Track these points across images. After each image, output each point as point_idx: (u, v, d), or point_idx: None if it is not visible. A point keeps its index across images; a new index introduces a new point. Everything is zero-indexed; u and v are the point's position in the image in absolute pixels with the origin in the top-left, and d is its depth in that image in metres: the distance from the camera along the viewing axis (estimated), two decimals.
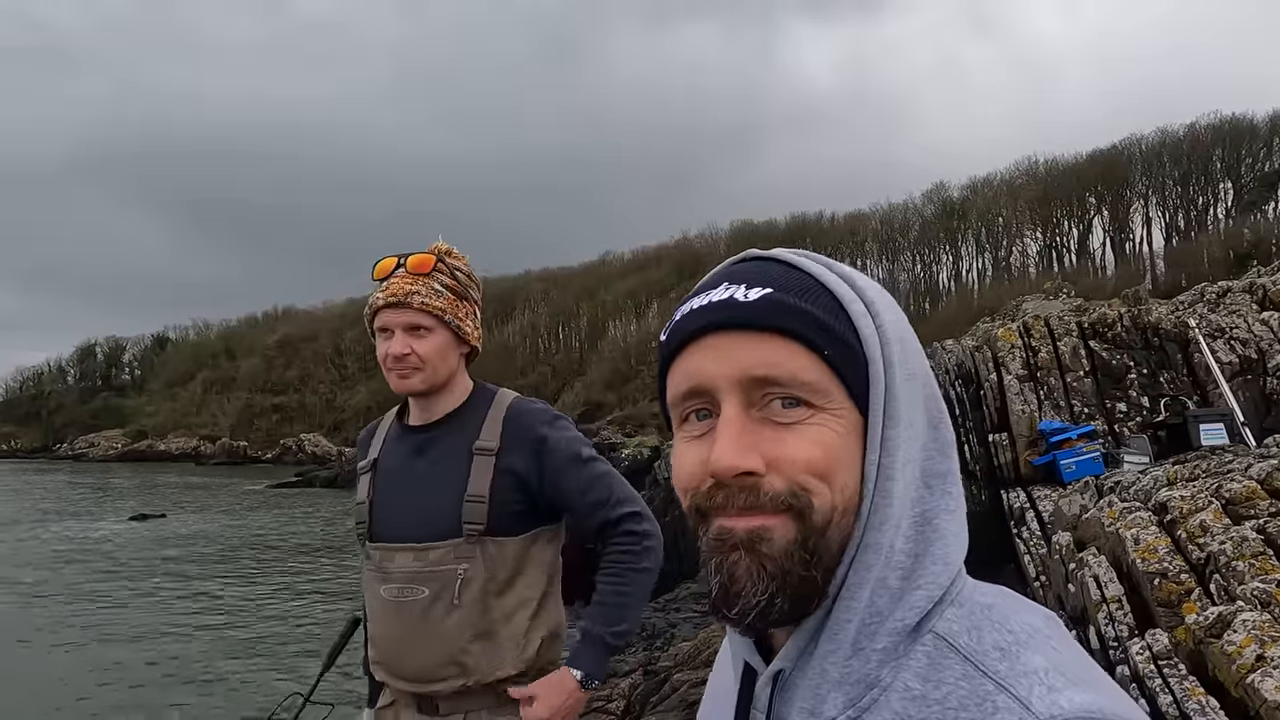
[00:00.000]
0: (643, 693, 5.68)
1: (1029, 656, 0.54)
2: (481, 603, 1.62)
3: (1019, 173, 55.91)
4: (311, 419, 75.37)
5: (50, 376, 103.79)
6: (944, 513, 0.59)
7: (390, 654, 1.68)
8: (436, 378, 1.69)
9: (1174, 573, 3.37)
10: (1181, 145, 47.84)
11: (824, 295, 0.59)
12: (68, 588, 14.03)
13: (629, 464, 30.90)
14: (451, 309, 1.69)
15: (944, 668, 0.55)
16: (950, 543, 0.59)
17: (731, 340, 0.58)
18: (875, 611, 0.57)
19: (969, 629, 0.56)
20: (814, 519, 0.56)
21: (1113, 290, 26.22)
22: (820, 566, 0.57)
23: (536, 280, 73.30)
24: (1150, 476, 4.90)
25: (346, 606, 11.95)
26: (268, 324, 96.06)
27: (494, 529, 1.63)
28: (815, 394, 0.57)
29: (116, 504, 29.56)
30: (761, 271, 0.60)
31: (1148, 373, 6.83)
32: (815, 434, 0.57)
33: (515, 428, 1.69)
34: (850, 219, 63.89)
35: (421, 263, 1.68)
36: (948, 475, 0.61)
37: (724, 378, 0.57)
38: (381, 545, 1.71)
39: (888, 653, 0.56)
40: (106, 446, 78.24)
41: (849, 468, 0.57)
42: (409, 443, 1.76)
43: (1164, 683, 2.88)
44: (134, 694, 8.27)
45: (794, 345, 0.57)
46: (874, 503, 0.57)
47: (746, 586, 0.56)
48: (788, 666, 0.60)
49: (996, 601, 0.59)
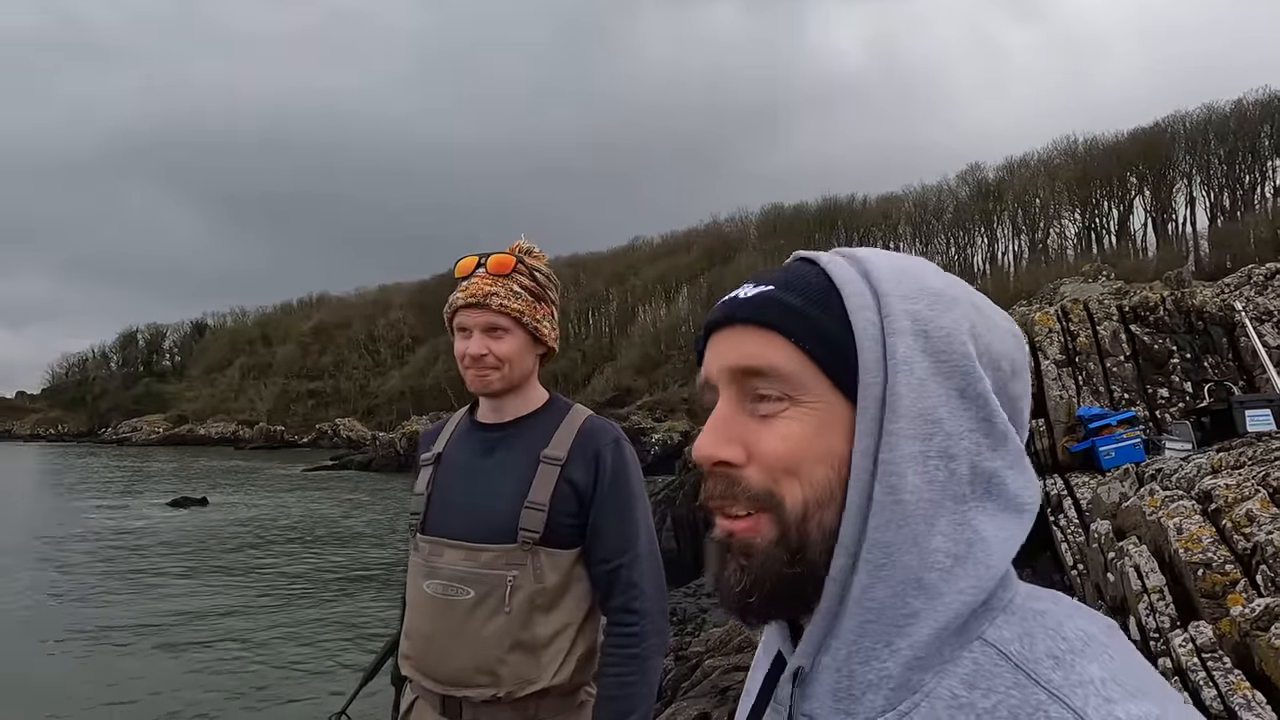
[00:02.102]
0: (674, 678, 5.70)
1: (1085, 665, 0.52)
2: (526, 614, 1.60)
3: (1057, 152, 54.79)
4: (346, 404, 76.53)
5: (95, 363, 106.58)
6: (985, 514, 0.57)
7: (423, 651, 1.66)
8: (513, 378, 1.69)
9: (1219, 563, 3.29)
10: (1228, 122, 46.48)
11: (822, 288, 0.59)
12: (110, 573, 14.43)
13: (659, 449, 31.05)
14: (529, 311, 1.68)
15: (993, 676, 0.53)
16: (993, 546, 0.56)
17: (728, 335, 0.61)
18: (910, 613, 0.55)
19: (1021, 636, 0.54)
20: (787, 516, 0.57)
21: (1154, 272, 25.64)
22: (804, 562, 0.57)
23: (566, 265, 73.42)
24: (1193, 464, 4.78)
25: (389, 596, 12.16)
26: (303, 311, 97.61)
27: (548, 539, 1.61)
28: (792, 386, 0.57)
29: (159, 487, 30.30)
30: (780, 270, 0.62)
31: (1191, 357, 6.66)
32: (784, 427, 0.57)
33: (584, 441, 1.67)
34: (883, 201, 63.06)
35: (501, 264, 1.68)
36: (994, 475, 0.57)
37: (718, 370, 0.61)
38: (432, 539, 1.69)
39: (930, 657, 0.55)
40: (149, 431, 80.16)
41: (821, 461, 0.57)
42: (477, 440, 1.74)
43: (1208, 676, 2.81)
44: (170, 696, 8.46)
45: (774, 338, 0.58)
46: (877, 499, 0.55)
47: (730, 584, 0.58)
48: (806, 663, 0.59)
49: (1050, 608, 0.56)
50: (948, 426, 0.56)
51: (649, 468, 26.15)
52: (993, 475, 0.57)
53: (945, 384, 0.56)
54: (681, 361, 53.30)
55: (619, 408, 41.39)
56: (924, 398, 0.56)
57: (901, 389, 0.55)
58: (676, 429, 33.83)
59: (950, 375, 0.57)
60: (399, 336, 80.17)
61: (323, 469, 40.49)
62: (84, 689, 8.21)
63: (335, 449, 53.85)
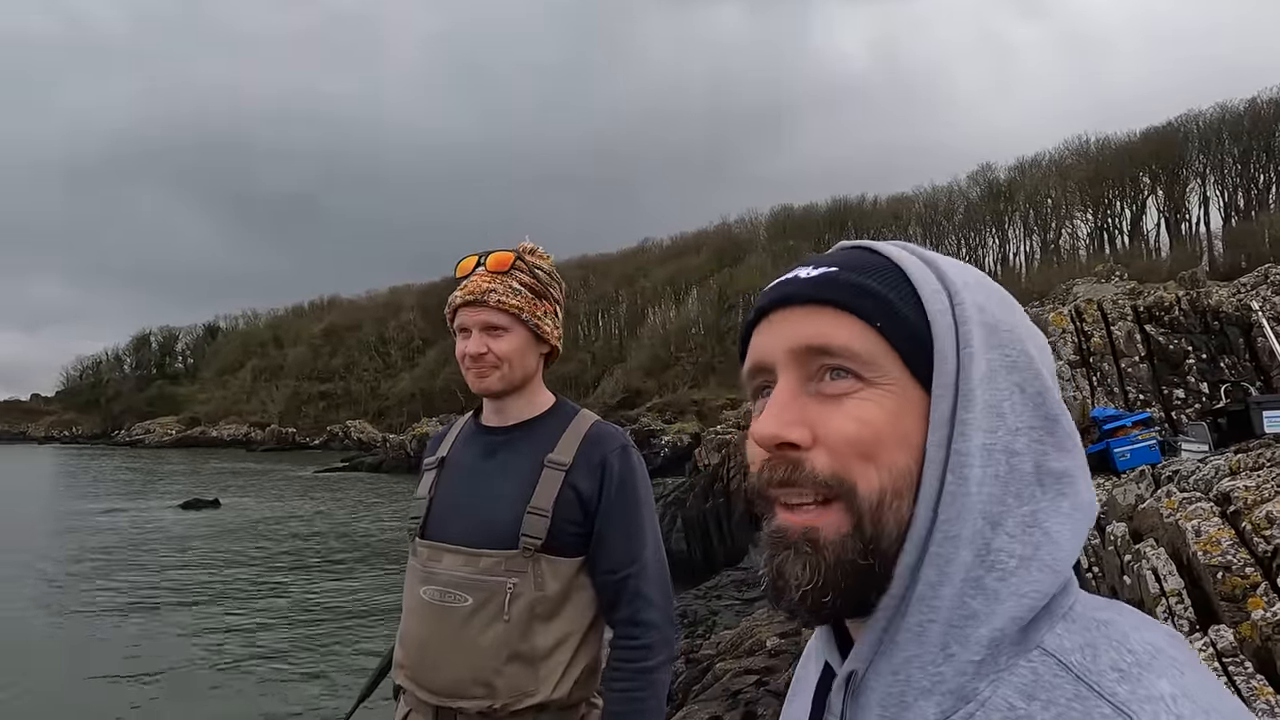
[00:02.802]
0: (685, 681, 5.67)
1: (1152, 680, 0.48)
2: (526, 623, 1.55)
3: (1069, 152, 54.50)
4: (357, 406, 76.82)
5: (108, 365, 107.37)
6: (1057, 515, 0.54)
7: (417, 660, 1.62)
8: (514, 378, 1.65)
9: (1238, 566, 3.24)
10: (1242, 121, 46.09)
11: (891, 272, 0.58)
12: (123, 573, 14.51)
13: (669, 451, 31.02)
14: (529, 307, 1.64)
15: (1054, 687, 0.50)
16: (1062, 549, 0.54)
17: (788, 315, 0.58)
18: (969, 614, 0.52)
19: (1083, 646, 0.51)
20: (861, 503, 0.54)
21: (1168, 272, 25.44)
22: (878, 554, 0.54)
23: (575, 267, 73.46)
24: (1211, 465, 4.72)
25: (393, 600, 12.16)
26: (314, 313, 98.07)
27: (551, 546, 1.56)
28: (865, 365, 0.55)
29: (172, 488, 30.46)
30: (837, 255, 0.61)
31: (1207, 358, 6.59)
32: (858, 408, 0.55)
33: (589, 447, 1.63)
34: (893, 202, 62.87)
35: (500, 261, 1.65)
36: (1064, 475, 0.55)
37: (778, 350, 0.58)
38: (431, 543, 1.65)
39: (985, 664, 0.52)
40: (161, 433, 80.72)
41: (900, 446, 0.54)
42: (481, 443, 1.71)
43: (1229, 681, 2.77)
44: (175, 690, 8.48)
45: (845, 316, 0.56)
46: (948, 489, 0.53)
47: (794, 581, 0.55)
48: (860, 668, 0.56)
49: (1114, 618, 0.54)
50: (1010, 421, 0.54)
51: (659, 470, 26.12)
52: (1064, 474, 0.55)
53: (1008, 378, 0.55)
54: (691, 364, 53.26)
55: (629, 409, 41.39)
56: (996, 390, 0.55)
57: (975, 378, 0.54)
58: (686, 431, 33.76)
59: (1012, 371, 0.56)
60: (409, 338, 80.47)
61: (334, 470, 40.66)
62: (99, 690, 8.25)
63: (346, 451, 54.12)
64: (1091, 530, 3.73)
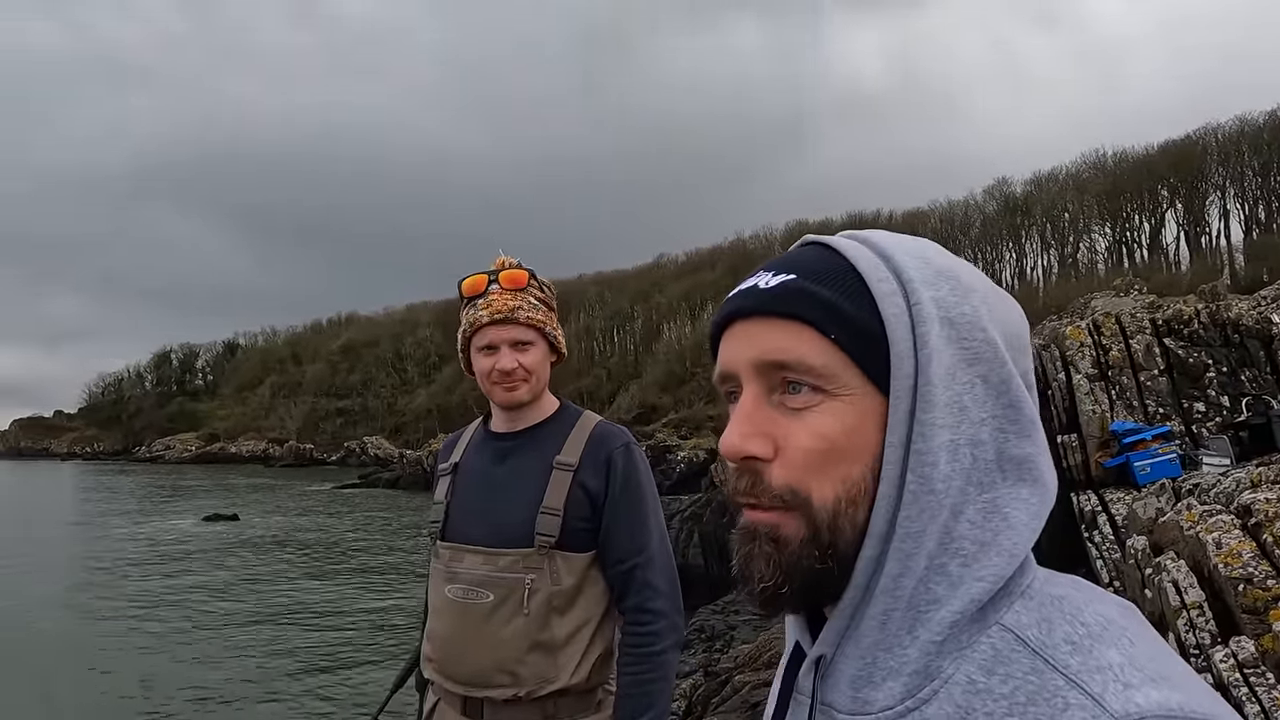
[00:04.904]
0: (704, 694, 5.68)
1: (1103, 651, 0.51)
2: (544, 615, 1.65)
3: (1086, 166, 54.12)
4: (374, 422, 77.12)
5: (130, 382, 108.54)
6: (1016, 501, 0.57)
7: (445, 653, 1.71)
8: (538, 389, 1.76)
9: (1260, 578, 3.24)
10: (1262, 134, 45.68)
11: (847, 275, 0.58)
12: (144, 589, 14.65)
13: (685, 466, 30.93)
14: (549, 321, 1.77)
15: (1011, 661, 0.52)
16: (1020, 533, 0.56)
17: (748, 327, 0.59)
18: (931, 599, 0.55)
19: (1039, 621, 0.54)
20: (817, 514, 0.56)
21: (1188, 286, 25.19)
22: (835, 558, 0.56)
23: (591, 283, 73.63)
24: (1232, 479, 4.70)
25: (411, 606, 12.22)
26: (332, 330, 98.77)
27: (564, 543, 1.66)
28: (822, 379, 0.56)
29: (193, 503, 30.73)
30: (797, 257, 0.61)
31: (1228, 371, 6.56)
32: (816, 422, 0.56)
33: (594, 446, 1.73)
34: (909, 216, 62.63)
35: (516, 279, 1.74)
36: (1025, 461, 0.57)
37: (741, 361, 0.59)
38: (452, 545, 1.74)
39: (948, 643, 0.55)
40: (181, 449, 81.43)
41: (856, 455, 0.56)
42: (492, 449, 1.80)
43: (1250, 691, 2.76)
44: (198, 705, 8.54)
45: (802, 329, 0.57)
46: (910, 489, 0.55)
47: (758, 574, 0.57)
48: (828, 652, 0.59)
49: (1069, 593, 0.56)
50: (973, 414, 0.56)
51: (674, 485, 26.07)
52: (1024, 460, 0.57)
53: (969, 371, 0.56)
54: (706, 379, 53.12)
55: (644, 425, 41.34)
56: (952, 386, 0.56)
57: (934, 378, 0.55)
58: (702, 446, 33.68)
59: (974, 363, 0.57)
60: (426, 355, 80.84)
61: (351, 486, 40.82)
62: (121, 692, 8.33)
63: (363, 467, 54.26)
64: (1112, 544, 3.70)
